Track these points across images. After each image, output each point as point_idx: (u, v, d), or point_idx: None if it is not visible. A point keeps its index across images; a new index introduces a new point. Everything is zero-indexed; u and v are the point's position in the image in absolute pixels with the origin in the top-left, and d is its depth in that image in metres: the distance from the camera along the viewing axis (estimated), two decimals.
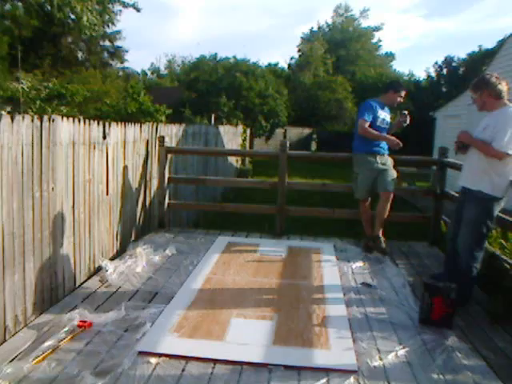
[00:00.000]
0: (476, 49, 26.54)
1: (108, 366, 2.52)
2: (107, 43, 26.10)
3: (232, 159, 13.06)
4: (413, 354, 2.80)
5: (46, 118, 3.22)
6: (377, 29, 44.78)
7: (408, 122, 4.94)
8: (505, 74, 11.34)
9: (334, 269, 4.36)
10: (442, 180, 5.34)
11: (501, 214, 3.99)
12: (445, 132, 15.66)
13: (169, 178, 5.71)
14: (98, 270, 4.07)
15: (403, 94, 4.95)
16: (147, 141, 5.36)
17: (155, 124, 5.78)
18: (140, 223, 5.29)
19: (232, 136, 14.09)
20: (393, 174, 4.81)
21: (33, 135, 3.07)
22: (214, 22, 75.18)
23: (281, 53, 79.19)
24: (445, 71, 27.00)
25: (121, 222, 4.72)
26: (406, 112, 5.08)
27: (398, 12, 72.36)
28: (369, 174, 4.81)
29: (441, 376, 2.57)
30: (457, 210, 3.72)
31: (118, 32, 25.65)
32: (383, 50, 46.32)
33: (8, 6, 19.02)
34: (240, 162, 14.37)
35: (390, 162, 4.86)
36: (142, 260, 4.29)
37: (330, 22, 44.58)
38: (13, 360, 2.54)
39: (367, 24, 45.94)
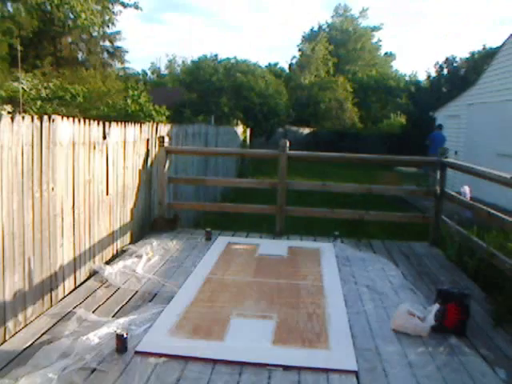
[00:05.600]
0: (480, 48, 26.53)
1: (108, 365, 2.53)
2: (107, 43, 26.12)
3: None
4: (413, 353, 2.80)
5: (46, 118, 3.22)
6: (376, 28, 44.81)
7: None
8: (505, 73, 11.35)
9: (333, 269, 4.36)
10: (442, 180, 5.34)
11: (500, 214, 4.00)
12: (445, 132, 15.65)
13: (169, 178, 5.71)
14: (97, 270, 4.07)
15: None
16: (147, 141, 5.36)
17: (155, 124, 5.78)
18: (140, 223, 5.28)
19: (232, 136, 14.11)
20: None
21: (33, 135, 3.07)
22: (215, 22, 75.27)
23: (281, 53, 79.24)
24: (445, 71, 26.98)
25: (121, 222, 4.72)
26: None
27: None
28: None
29: (441, 376, 2.57)
30: None
31: (118, 32, 25.67)
32: (383, 50, 46.38)
33: (8, 6, 19.01)
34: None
35: None
36: (142, 260, 4.29)
37: (329, 21, 44.64)
38: (13, 360, 2.54)
39: (366, 23, 45.88)
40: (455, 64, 26.38)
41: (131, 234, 5.03)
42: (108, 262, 4.29)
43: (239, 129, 16.04)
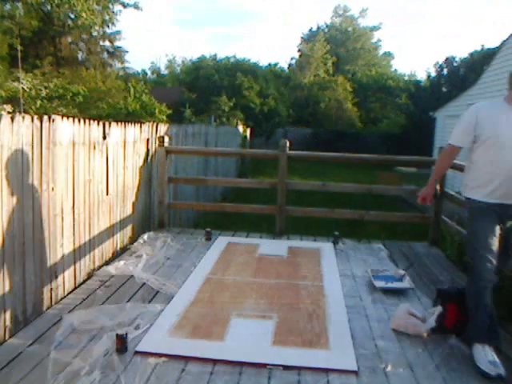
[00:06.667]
0: (479, 48, 26.56)
1: (108, 365, 2.53)
2: (107, 43, 26.09)
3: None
4: (413, 353, 2.80)
5: (46, 118, 3.23)
6: (376, 28, 44.82)
7: None
8: (505, 73, 11.35)
9: (333, 269, 4.36)
10: (442, 180, 5.34)
11: None
12: (445, 132, 15.66)
13: (169, 178, 5.71)
14: (98, 270, 4.07)
15: None
16: (147, 141, 5.36)
17: (155, 124, 5.78)
18: (140, 223, 5.29)
19: (232, 136, 14.11)
20: None
21: (33, 135, 3.07)
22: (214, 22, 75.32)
23: (280, 53, 79.28)
24: (445, 71, 27.00)
25: (121, 222, 4.72)
26: None
27: None
28: None
29: (441, 376, 2.57)
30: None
31: (118, 32, 25.64)
32: (383, 50, 46.40)
33: (8, 6, 19.00)
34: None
35: None
36: (142, 260, 4.29)
37: (329, 22, 44.66)
38: (13, 360, 2.55)
39: (366, 23, 45.96)
40: (455, 64, 26.39)
41: (131, 233, 5.03)
42: (108, 262, 4.30)
43: (239, 129, 16.06)
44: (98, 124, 4.07)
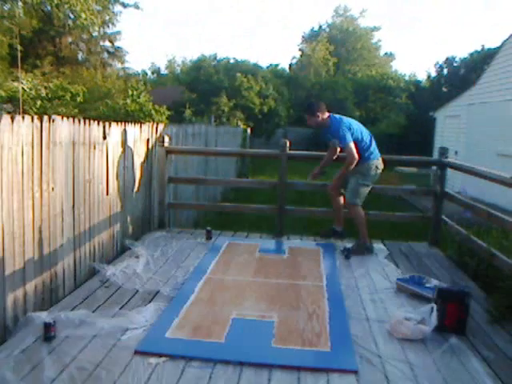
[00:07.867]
0: (479, 48, 26.53)
1: (108, 366, 2.53)
2: (107, 43, 26.09)
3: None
4: (413, 354, 2.80)
5: (46, 118, 3.22)
6: (376, 29, 44.81)
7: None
8: (505, 73, 11.35)
9: (333, 269, 4.36)
10: (442, 180, 5.34)
11: (500, 214, 4.00)
12: (445, 132, 15.66)
13: (169, 178, 5.71)
14: (98, 270, 4.07)
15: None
16: (147, 141, 5.36)
17: (155, 124, 5.78)
18: (140, 223, 5.29)
19: (232, 136, 14.10)
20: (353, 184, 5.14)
21: (33, 135, 3.06)
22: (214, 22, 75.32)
23: (282, 53, 79.30)
24: (445, 71, 27.00)
25: (121, 222, 4.72)
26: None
27: None
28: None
29: (441, 376, 2.57)
30: None
31: (118, 32, 25.64)
32: (383, 51, 46.38)
33: (8, 6, 19.00)
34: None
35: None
36: (142, 260, 4.29)
37: (330, 21, 44.66)
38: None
39: (366, 24, 45.93)
40: (455, 64, 26.38)
41: (132, 233, 5.03)
42: (108, 262, 4.29)
43: (239, 129, 16.06)
44: (98, 124, 4.07)
